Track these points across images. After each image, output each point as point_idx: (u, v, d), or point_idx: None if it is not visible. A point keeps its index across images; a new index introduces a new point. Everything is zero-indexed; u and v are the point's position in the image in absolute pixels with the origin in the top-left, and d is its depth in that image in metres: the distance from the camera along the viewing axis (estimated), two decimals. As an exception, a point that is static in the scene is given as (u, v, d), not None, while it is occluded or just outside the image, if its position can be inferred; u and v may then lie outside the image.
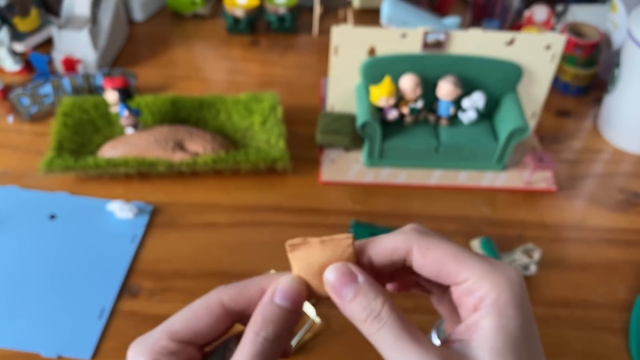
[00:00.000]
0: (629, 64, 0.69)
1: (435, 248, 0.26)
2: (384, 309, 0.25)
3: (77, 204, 0.62)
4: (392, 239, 0.27)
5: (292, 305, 0.26)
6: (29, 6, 0.82)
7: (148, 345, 0.26)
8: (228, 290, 0.27)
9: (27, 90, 0.71)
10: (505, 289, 0.24)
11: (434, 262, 0.26)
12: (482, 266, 0.25)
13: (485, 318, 0.24)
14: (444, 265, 0.26)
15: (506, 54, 0.64)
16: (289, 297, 0.26)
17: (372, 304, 0.25)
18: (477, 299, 0.25)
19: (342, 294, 0.26)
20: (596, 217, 0.64)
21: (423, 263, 0.26)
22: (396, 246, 0.27)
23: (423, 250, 0.26)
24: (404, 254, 0.27)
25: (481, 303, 0.25)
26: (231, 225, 0.61)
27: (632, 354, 0.51)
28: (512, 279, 0.25)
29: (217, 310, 0.27)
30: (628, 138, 0.73)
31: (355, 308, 0.25)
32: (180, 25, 0.94)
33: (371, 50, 0.64)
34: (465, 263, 0.25)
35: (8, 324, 0.50)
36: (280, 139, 0.67)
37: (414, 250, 0.26)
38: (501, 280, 0.25)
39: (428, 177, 0.67)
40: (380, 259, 0.27)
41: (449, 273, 0.26)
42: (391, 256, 0.27)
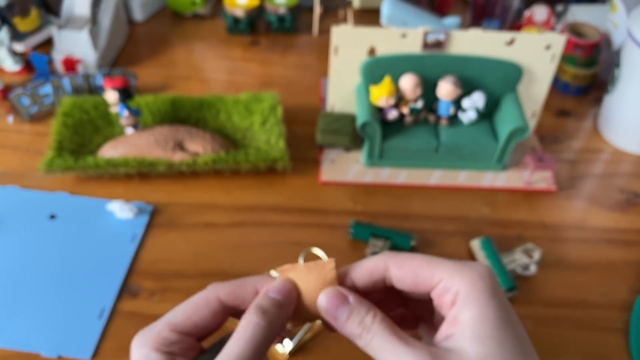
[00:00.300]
0: (629, 64, 0.69)
1: (409, 260, 0.29)
2: (375, 321, 0.27)
3: (77, 204, 0.62)
4: (370, 261, 0.30)
5: (284, 299, 0.28)
6: (29, 6, 0.82)
7: (151, 336, 0.28)
8: (224, 286, 0.30)
9: (27, 90, 0.71)
10: (477, 281, 0.26)
11: (410, 273, 0.29)
12: (452, 265, 0.28)
13: (463, 310, 0.26)
14: (419, 273, 0.28)
15: (506, 54, 0.64)
16: (281, 291, 0.29)
17: (365, 319, 0.27)
18: (453, 294, 0.27)
19: (337, 316, 0.28)
20: (596, 217, 0.64)
21: (401, 276, 0.29)
22: (375, 265, 0.29)
23: (399, 265, 0.29)
24: (382, 272, 0.29)
25: (457, 297, 0.27)
26: (231, 225, 0.61)
27: (632, 354, 0.51)
28: (481, 272, 0.27)
29: (214, 304, 0.29)
30: (628, 138, 0.73)
31: (351, 326, 0.28)
32: (180, 25, 0.94)
33: (371, 50, 0.64)
34: (438, 266, 0.28)
35: (8, 324, 0.50)
36: (280, 139, 0.67)
37: (391, 266, 0.29)
38: (471, 274, 0.27)
39: (428, 177, 0.67)
40: (362, 279, 0.29)
41: (424, 279, 0.28)
42: (371, 276, 0.29)
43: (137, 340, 0.29)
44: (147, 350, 0.28)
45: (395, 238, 0.58)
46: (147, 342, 0.28)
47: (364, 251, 0.58)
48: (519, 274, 0.57)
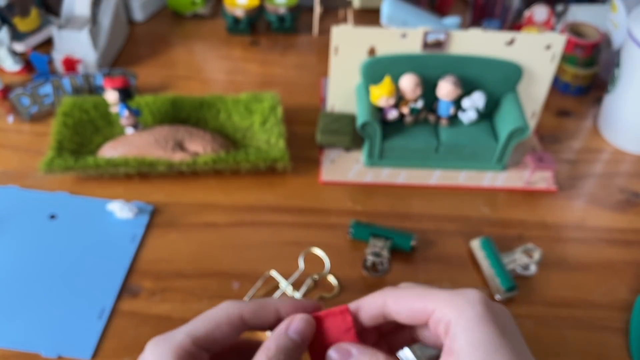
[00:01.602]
0: (629, 64, 0.69)
1: (404, 295, 0.30)
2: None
3: (77, 204, 0.62)
4: (371, 298, 0.31)
5: (301, 341, 0.30)
6: (29, 6, 0.82)
7: (173, 346, 0.28)
8: (247, 306, 0.31)
9: (27, 90, 0.71)
10: (465, 308, 0.27)
11: (406, 307, 0.29)
12: (443, 295, 0.28)
13: (455, 339, 0.26)
14: (414, 306, 0.29)
15: (506, 54, 0.64)
16: (300, 333, 0.30)
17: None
18: (445, 324, 0.27)
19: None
20: (596, 217, 0.64)
21: (398, 310, 0.30)
22: (374, 301, 0.30)
23: (395, 300, 0.30)
24: (381, 308, 0.30)
25: (448, 327, 0.27)
26: (231, 225, 0.61)
27: (632, 354, 0.51)
28: (470, 298, 0.27)
29: (237, 323, 0.30)
30: (628, 138, 0.73)
31: None
32: (180, 25, 0.94)
33: (371, 50, 0.64)
34: (430, 297, 0.29)
35: (8, 324, 0.50)
36: (280, 139, 0.67)
37: (388, 302, 0.30)
38: (460, 302, 0.27)
39: (428, 177, 0.67)
40: (367, 319, 0.31)
41: (419, 310, 0.29)
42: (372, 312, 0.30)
43: (156, 347, 0.28)
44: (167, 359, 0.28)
45: (395, 238, 0.58)
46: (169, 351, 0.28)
47: (364, 251, 0.58)
48: (519, 274, 0.57)
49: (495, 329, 0.26)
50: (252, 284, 0.55)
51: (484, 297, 0.27)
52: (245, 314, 0.30)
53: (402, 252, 0.58)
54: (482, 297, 0.27)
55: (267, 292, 0.54)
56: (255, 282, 0.55)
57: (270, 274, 0.56)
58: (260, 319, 0.30)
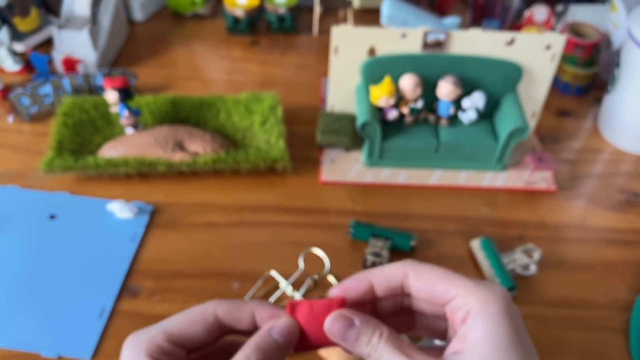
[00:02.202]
0: (629, 64, 0.69)
1: (428, 271, 0.30)
2: (382, 339, 0.28)
3: (77, 204, 0.62)
4: (391, 267, 0.30)
5: (284, 342, 0.29)
6: (29, 6, 0.82)
7: (145, 340, 0.29)
8: (223, 304, 0.30)
9: (27, 90, 0.71)
10: (490, 302, 0.27)
11: (427, 284, 0.29)
12: (469, 283, 0.28)
13: (472, 329, 0.26)
14: (436, 286, 0.29)
15: (506, 54, 0.64)
16: (284, 334, 0.29)
17: (372, 339, 0.28)
18: (465, 312, 0.27)
19: (345, 339, 0.29)
20: (596, 217, 0.64)
21: (418, 286, 0.30)
22: (395, 272, 0.30)
23: (418, 275, 0.30)
24: (401, 279, 0.30)
25: (468, 316, 0.27)
26: (231, 225, 0.61)
27: (632, 354, 0.51)
28: (496, 293, 0.27)
29: (210, 320, 0.30)
30: (628, 138, 0.73)
31: (360, 346, 0.29)
32: (180, 25, 0.94)
33: (371, 50, 0.64)
34: (454, 282, 0.28)
35: (8, 324, 0.50)
36: (280, 139, 0.67)
37: (410, 275, 0.30)
38: (486, 294, 0.27)
39: (428, 177, 0.67)
40: (381, 284, 0.30)
41: (440, 292, 0.29)
42: (389, 282, 0.30)
43: (130, 342, 0.29)
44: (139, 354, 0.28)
45: (395, 238, 0.58)
46: (140, 346, 0.28)
47: (364, 251, 0.58)
48: (519, 274, 0.57)
49: (513, 328, 0.26)
50: (252, 284, 0.55)
51: (507, 294, 0.28)
52: (219, 312, 0.30)
53: (402, 252, 0.58)
54: (506, 294, 0.28)
55: (267, 292, 0.54)
56: (255, 282, 0.55)
57: (270, 274, 0.56)
58: (234, 318, 0.30)
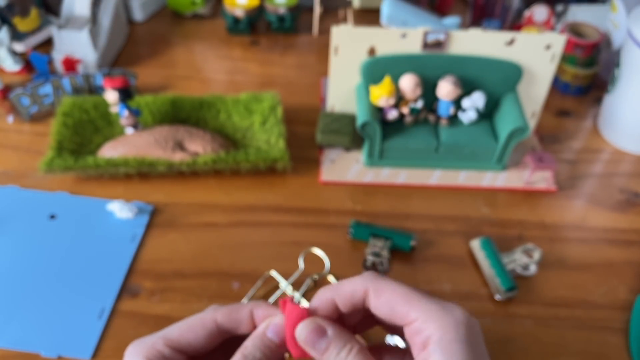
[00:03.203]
0: (629, 64, 0.69)
1: (388, 290, 0.28)
2: (350, 354, 0.28)
3: (77, 204, 0.62)
4: (351, 283, 0.30)
5: (280, 341, 0.29)
6: (29, 6, 0.82)
7: (145, 348, 0.29)
8: (221, 309, 0.31)
9: (27, 90, 0.71)
10: (450, 328, 0.26)
11: (386, 304, 0.28)
12: (429, 307, 0.27)
13: (431, 356, 0.26)
14: (396, 306, 0.28)
15: (506, 54, 0.64)
16: (279, 333, 0.29)
17: (341, 353, 0.28)
18: (425, 338, 0.27)
19: (315, 347, 0.29)
20: (596, 217, 0.64)
21: (377, 304, 0.29)
22: (354, 289, 0.29)
23: (377, 293, 0.29)
24: (362, 296, 0.29)
25: (428, 342, 0.26)
26: (231, 225, 0.61)
27: (632, 354, 0.51)
28: (457, 318, 0.27)
29: (210, 325, 0.30)
30: (628, 138, 0.73)
31: (328, 357, 0.28)
32: (180, 25, 0.94)
33: (371, 50, 0.64)
34: (414, 304, 0.27)
35: (8, 324, 0.50)
36: (280, 139, 0.67)
37: (370, 292, 0.29)
38: (446, 320, 0.26)
39: (428, 177, 0.67)
40: (343, 302, 0.30)
41: (400, 314, 0.28)
42: (352, 299, 0.29)
43: (130, 350, 0.29)
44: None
45: (395, 238, 0.58)
46: (141, 352, 0.29)
47: (364, 251, 0.58)
48: (519, 274, 0.57)
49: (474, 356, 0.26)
50: (252, 284, 0.55)
51: (467, 319, 0.27)
52: (218, 316, 0.30)
53: (402, 252, 0.58)
54: (467, 319, 0.27)
55: (267, 292, 0.54)
56: (255, 282, 0.55)
57: (270, 274, 0.56)
58: (233, 321, 0.30)
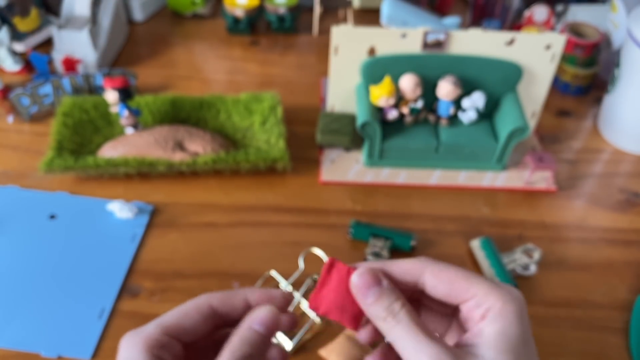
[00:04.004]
0: (629, 64, 0.69)
1: (447, 270, 0.30)
2: (403, 310, 0.28)
3: (77, 204, 0.62)
4: (409, 261, 0.30)
5: (266, 331, 0.30)
6: (29, 6, 0.82)
7: (142, 337, 0.29)
8: (216, 295, 0.31)
9: (27, 90, 0.71)
10: (510, 302, 0.28)
11: (446, 282, 0.29)
12: (489, 284, 0.29)
13: (490, 324, 0.27)
14: (455, 284, 0.29)
15: (506, 54, 0.64)
16: (264, 324, 0.30)
17: (393, 305, 0.28)
18: (485, 309, 0.28)
19: (367, 295, 0.29)
20: (596, 217, 0.64)
21: (435, 283, 0.30)
22: (412, 267, 0.30)
23: (436, 272, 0.30)
24: (417, 276, 0.30)
25: (487, 313, 0.28)
26: (231, 225, 0.61)
27: (632, 354, 0.51)
28: (515, 295, 0.28)
29: (205, 310, 0.30)
30: (628, 138, 0.73)
31: (378, 308, 0.29)
32: (180, 25, 0.94)
33: (371, 50, 0.64)
34: (475, 281, 0.29)
35: (8, 324, 0.50)
36: (280, 139, 0.67)
37: (427, 273, 0.30)
38: (506, 295, 0.28)
39: (428, 177, 0.67)
40: (396, 276, 0.30)
41: (459, 290, 0.29)
42: (404, 276, 0.30)
43: (126, 341, 0.29)
44: (137, 351, 0.28)
45: (395, 238, 0.58)
46: (139, 342, 0.28)
47: (364, 251, 0.58)
48: (519, 274, 0.57)
49: (525, 330, 0.28)
50: (252, 284, 0.55)
51: (523, 298, 0.29)
52: (213, 301, 0.31)
53: (402, 252, 0.58)
54: (522, 298, 0.29)
55: (267, 292, 0.54)
56: (255, 282, 0.55)
57: (270, 274, 0.56)
58: (228, 306, 0.31)
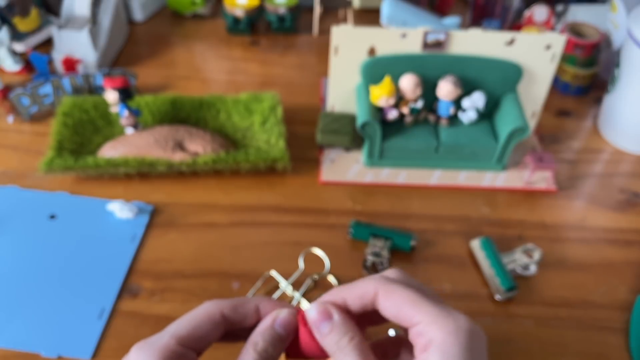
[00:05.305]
0: (629, 64, 0.69)
1: (397, 293, 0.30)
2: (350, 344, 0.29)
3: (77, 204, 0.62)
4: (362, 284, 0.31)
5: (286, 334, 0.31)
6: (29, 6, 0.82)
7: (158, 349, 0.28)
8: (227, 302, 0.32)
9: (27, 90, 0.71)
10: (452, 334, 0.27)
11: (394, 306, 0.30)
12: (434, 311, 0.28)
13: (430, 358, 0.27)
14: (402, 309, 0.29)
15: (506, 54, 0.64)
16: (285, 327, 0.31)
17: (341, 340, 0.29)
18: (427, 340, 0.28)
19: (319, 329, 0.30)
20: (596, 217, 0.64)
21: (385, 306, 0.30)
22: (365, 290, 0.31)
23: (386, 295, 0.30)
24: (371, 297, 0.30)
25: (429, 345, 0.28)
26: (231, 225, 0.61)
27: (632, 354, 0.51)
28: (461, 325, 0.28)
29: (218, 319, 0.31)
30: (628, 138, 0.73)
31: (329, 342, 0.30)
32: (180, 25, 0.94)
33: (371, 50, 0.64)
34: (420, 308, 0.29)
35: (8, 324, 0.50)
36: (280, 139, 0.67)
37: (379, 294, 0.30)
38: (449, 326, 0.28)
39: (428, 177, 0.67)
40: (354, 302, 0.31)
41: (405, 316, 0.29)
42: (362, 299, 0.31)
43: (139, 352, 0.29)
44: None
45: (395, 238, 0.58)
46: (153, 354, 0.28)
47: (364, 251, 0.58)
48: (519, 274, 0.57)
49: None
50: (252, 284, 0.55)
51: (472, 326, 0.28)
52: (225, 310, 0.31)
53: (402, 252, 0.58)
54: (470, 327, 0.28)
55: (267, 292, 0.54)
56: (255, 282, 0.55)
57: (270, 274, 0.56)
58: (239, 314, 0.31)
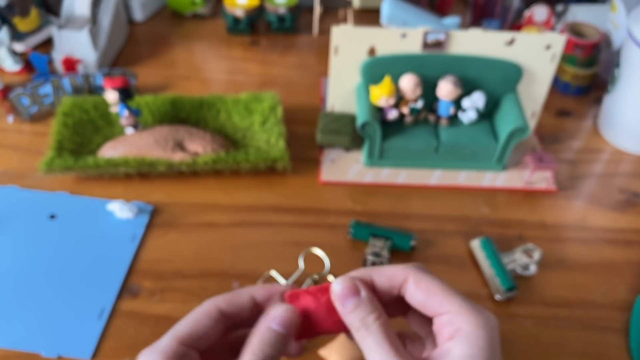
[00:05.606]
0: (629, 64, 0.69)
1: (428, 281, 0.30)
2: (376, 322, 0.29)
3: (77, 204, 0.62)
4: (393, 268, 0.31)
5: (285, 331, 0.30)
6: (29, 6, 0.82)
7: (160, 351, 0.29)
8: (222, 297, 0.32)
9: (27, 90, 0.71)
10: (481, 326, 0.28)
11: (423, 293, 0.30)
12: (464, 303, 0.29)
13: (457, 346, 0.28)
14: (432, 296, 0.30)
15: (506, 54, 0.64)
16: (283, 324, 0.30)
17: (367, 317, 0.29)
18: (454, 329, 0.28)
19: (344, 304, 0.30)
20: (596, 217, 0.64)
21: (414, 292, 0.30)
22: (396, 273, 0.31)
23: (417, 281, 0.30)
24: (400, 282, 0.31)
25: (457, 333, 0.28)
26: (231, 225, 0.61)
27: (632, 354, 0.51)
28: (488, 320, 0.28)
29: (215, 314, 0.31)
30: (628, 138, 0.73)
31: (353, 318, 0.29)
32: (180, 25, 0.94)
33: (371, 50, 0.64)
34: (450, 299, 0.29)
35: (8, 324, 0.50)
36: (280, 139, 0.67)
37: (409, 280, 0.30)
38: (479, 319, 0.28)
39: (428, 177, 0.67)
40: (381, 282, 0.31)
41: (434, 304, 0.30)
42: (390, 282, 0.31)
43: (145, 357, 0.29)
44: None
45: (395, 238, 0.58)
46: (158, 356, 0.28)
47: (364, 251, 0.58)
48: (519, 274, 0.57)
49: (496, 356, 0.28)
50: (252, 284, 0.55)
51: (497, 324, 0.29)
52: (220, 304, 0.31)
53: (402, 252, 0.58)
54: (496, 324, 0.29)
55: (267, 292, 0.54)
56: (255, 282, 0.55)
57: (270, 274, 0.56)
58: (235, 306, 0.31)
